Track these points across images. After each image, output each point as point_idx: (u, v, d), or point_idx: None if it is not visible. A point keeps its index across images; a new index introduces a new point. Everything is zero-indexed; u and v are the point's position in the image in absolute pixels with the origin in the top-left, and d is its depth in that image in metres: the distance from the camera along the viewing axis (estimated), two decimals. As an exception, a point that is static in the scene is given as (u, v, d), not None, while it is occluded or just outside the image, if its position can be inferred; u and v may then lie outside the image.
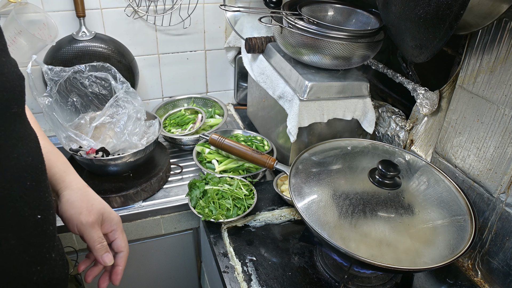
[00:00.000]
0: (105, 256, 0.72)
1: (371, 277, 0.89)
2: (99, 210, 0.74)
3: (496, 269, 0.88)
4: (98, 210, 0.73)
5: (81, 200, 0.73)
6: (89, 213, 0.72)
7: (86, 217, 0.71)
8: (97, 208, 0.74)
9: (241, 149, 1.15)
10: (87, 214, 0.71)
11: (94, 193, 0.77)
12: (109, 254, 0.73)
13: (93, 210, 0.73)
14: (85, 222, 0.71)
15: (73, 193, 0.74)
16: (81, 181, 0.78)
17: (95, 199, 0.76)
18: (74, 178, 0.77)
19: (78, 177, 0.78)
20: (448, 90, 0.98)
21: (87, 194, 0.75)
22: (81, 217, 0.71)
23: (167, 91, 1.64)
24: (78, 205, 0.72)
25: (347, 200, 0.82)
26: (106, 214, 0.75)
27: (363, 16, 1.19)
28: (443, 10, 0.70)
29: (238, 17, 1.53)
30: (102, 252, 0.72)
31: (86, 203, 0.73)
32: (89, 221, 0.71)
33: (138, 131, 1.18)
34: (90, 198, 0.75)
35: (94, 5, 1.37)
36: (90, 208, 0.73)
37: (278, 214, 1.08)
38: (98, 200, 0.76)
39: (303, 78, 1.10)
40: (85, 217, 0.71)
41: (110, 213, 0.76)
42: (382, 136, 1.22)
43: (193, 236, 1.31)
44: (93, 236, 0.71)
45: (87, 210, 0.72)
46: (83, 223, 0.71)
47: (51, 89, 1.16)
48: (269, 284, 0.87)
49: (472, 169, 0.91)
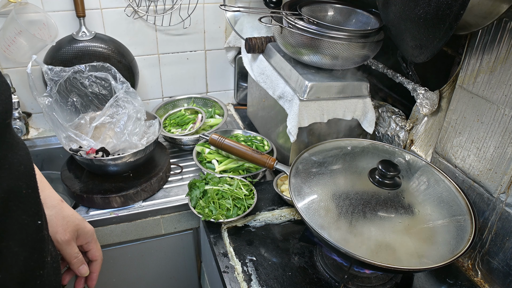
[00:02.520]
0: (81, 268, 0.79)
1: (371, 277, 0.89)
2: (74, 227, 0.78)
3: (496, 269, 0.88)
4: (73, 227, 0.78)
5: (56, 218, 0.77)
6: (65, 231, 0.76)
7: (62, 235, 0.76)
8: (72, 225, 0.78)
9: (241, 149, 1.15)
10: (63, 232, 0.76)
11: (69, 207, 0.81)
12: (84, 266, 0.80)
13: (68, 228, 0.77)
14: (60, 240, 0.75)
15: (48, 211, 0.77)
16: (56, 196, 0.81)
17: (69, 216, 0.79)
18: (48, 194, 0.80)
19: (52, 192, 0.81)
20: (448, 90, 0.98)
21: (61, 210, 0.79)
22: (57, 236, 0.75)
23: (167, 91, 1.64)
24: (53, 223, 0.76)
25: (347, 200, 0.82)
26: (80, 229, 0.80)
27: (363, 16, 1.19)
28: (443, 10, 0.70)
29: (238, 17, 1.53)
30: (78, 265, 0.79)
31: (61, 221, 0.77)
32: (64, 239, 0.76)
33: (138, 131, 1.18)
34: (65, 215, 0.79)
35: (94, 5, 1.37)
36: (65, 226, 0.77)
37: (278, 214, 1.08)
38: (73, 216, 0.80)
39: (303, 78, 1.10)
40: (61, 236, 0.75)
41: (84, 228, 0.81)
42: (382, 136, 1.22)
43: (193, 236, 1.31)
44: (70, 252, 0.77)
45: (63, 229, 0.76)
46: (59, 241, 0.75)
47: (51, 89, 1.16)
48: (269, 284, 0.87)
49: (472, 169, 0.91)
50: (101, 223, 1.13)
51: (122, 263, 1.27)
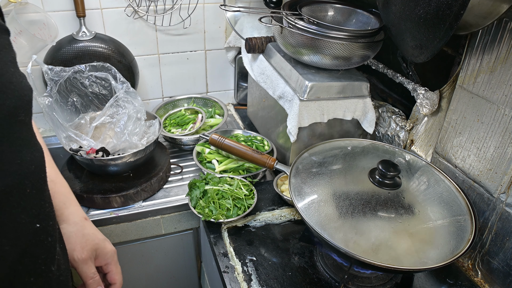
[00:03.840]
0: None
1: (371, 277, 0.89)
2: (93, 246, 0.77)
3: (496, 269, 0.88)
4: (92, 246, 0.76)
5: (76, 236, 0.76)
6: (82, 249, 0.75)
7: (79, 253, 0.74)
8: (91, 244, 0.76)
9: (241, 149, 1.15)
10: (80, 250, 0.74)
11: (91, 225, 0.80)
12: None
13: (87, 246, 0.75)
14: (77, 259, 0.74)
15: (70, 227, 0.76)
16: (80, 213, 0.80)
17: (89, 234, 0.78)
18: (72, 211, 0.79)
19: (78, 209, 0.80)
20: (448, 90, 0.98)
21: (82, 228, 0.78)
22: (74, 253, 0.74)
23: (167, 91, 1.64)
24: (72, 240, 0.75)
25: (347, 200, 0.82)
26: (100, 249, 0.78)
27: (363, 16, 1.19)
28: (443, 10, 0.70)
29: (238, 17, 1.53)
30: (93, 286, 0.75)
31: (81, 239, 0.76)
32: (81, 258, 0.74)
33: (138, 131, 1.18)
34: (85, 233, 0.77)
35: (94, 5, 1.37)
36: (84, 244, 0.75)
37: (278, 214, 1.08)
38: (93, 235, 0.78)
39: (303, 78, 1.10)
40: (78, 254, 0.74)
41: (104, 248, 0.79)
42: (382, 136, 1.22)
43: (193, 236, 1.31)
44: (86, 272, 0.74)
45: (81, 247, 0.75)
46: (76, 260, 0.73)
47: (51, 89, 1.16)
48: (269, 284, 0.87)
49: (472, 169, 0.91)
50: (101, 223, 1.13)
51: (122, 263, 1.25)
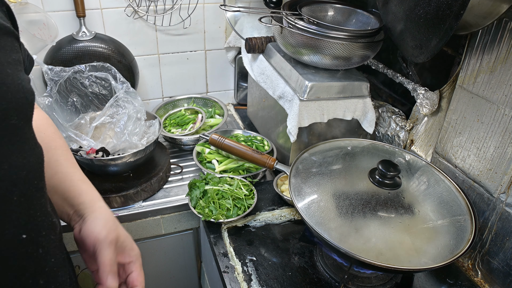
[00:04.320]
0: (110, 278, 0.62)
1: (371, 277, 0.89)
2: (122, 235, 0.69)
3: (496, 269, 0.88)
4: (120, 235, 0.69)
5: (107, 220, 0.68)
6: (111, 231, 0.67)
7: (107, 233, 0.66)
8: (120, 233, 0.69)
9: (241, 149, 1.15)
10: (108, 231, 0.66)
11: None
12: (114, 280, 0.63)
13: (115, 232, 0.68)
14: (103, 237, 0.65)
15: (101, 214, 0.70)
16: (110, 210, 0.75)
17: (121, 227, 0.71)
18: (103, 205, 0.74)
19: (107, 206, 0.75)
20: (448, 90, 0.98)
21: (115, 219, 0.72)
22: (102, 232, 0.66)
23: (167, 91, 1.63)
24: (102, 223, 0.68)
25: (347, 200, 0.82)
26: (128, 243, 0.70)
27: (363, 16, 1.19)
28: (443, 10, 0.70)
29: (238, 17, 1.53)
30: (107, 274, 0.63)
31: (112, 223, 0.69)
32: (108, 237, 0.65)
33: (138, 131, 1.18)
34: (117, 223, 0.71)
35: (94, 5, 1.37)
36: (114, 227, 0.68)
37: (278, 214, 1.08)
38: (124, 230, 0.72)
39: (303, 78, 1.10)
40: (105, 233, 0.66)
41: (132, 244, 0.71)
42: (382, 136, 1.22)
43: (193, 236, 1.31)
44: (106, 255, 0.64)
45: (110, 229, 0.67)
46: (101, 238, 0.65)
47: (51, 89, 1.16)
48: (269, 284, 0.87)
49: (472, 169, 0.91)
50: (101, 223, 1.13)
51: (122, 263, 1.27)
